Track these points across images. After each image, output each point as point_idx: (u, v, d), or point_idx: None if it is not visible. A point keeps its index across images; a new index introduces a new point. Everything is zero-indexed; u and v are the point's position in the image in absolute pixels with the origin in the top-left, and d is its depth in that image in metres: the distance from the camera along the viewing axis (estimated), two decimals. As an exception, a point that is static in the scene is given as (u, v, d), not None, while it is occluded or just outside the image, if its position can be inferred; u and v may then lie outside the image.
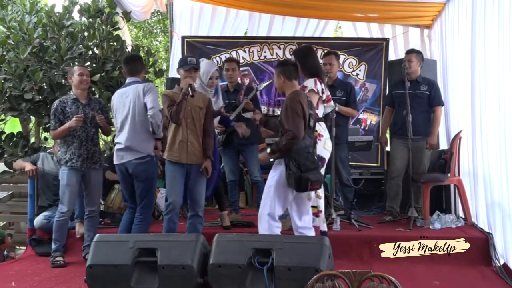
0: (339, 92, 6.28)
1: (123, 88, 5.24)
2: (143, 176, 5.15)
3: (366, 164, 7.68)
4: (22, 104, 6.15)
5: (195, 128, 5.11)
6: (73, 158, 5.37)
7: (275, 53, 8.23)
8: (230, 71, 6.26)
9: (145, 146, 5.14)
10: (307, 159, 4.43)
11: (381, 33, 8.87)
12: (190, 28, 9.08)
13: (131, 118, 5.11)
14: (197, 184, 5.13)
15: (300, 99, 4.53)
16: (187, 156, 5.06)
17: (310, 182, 4.40)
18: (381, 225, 6.13)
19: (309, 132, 4.57)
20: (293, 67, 4.77)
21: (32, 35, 6.21)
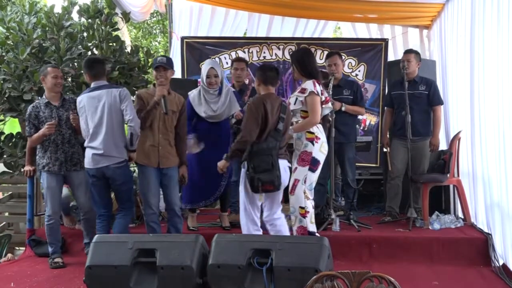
0: (346, 91, 6.30)
1: (94, 92, 5.10)
2: (122, 179, 5.10)
3: (365, 165, 7.69)
4: (21, 104, 6.14)
5: (167, 131, 5.13)
6: (50, 162, 5.35)
7: (274, 54, 8.23)
8: (239, 70, 6.31)
9: (122, 151, 5.08)
10: (262, 160, 4.57)
11: (380, 34, 8.87)
12: (189, 28, 9.09)
13: (107, 124, 5.01)
14: (170, 185, 5.16)
15: (264, 102, 4.67)
16: (158, 160, 5.08)
17: (261, 183, 4.55)
18: (381, 226, 6.14)
19: (275, 134, 4.68)
20: (272, 73, 4.87)
21: (31, 35, 6.20)
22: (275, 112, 4.70)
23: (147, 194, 5.11)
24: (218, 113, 5.70)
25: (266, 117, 4.66)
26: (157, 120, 5.08)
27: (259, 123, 4.65)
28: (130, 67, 6.66)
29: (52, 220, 5.39)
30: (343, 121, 6.10)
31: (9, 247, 6.67)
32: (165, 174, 5.13)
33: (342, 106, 6.13)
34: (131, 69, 6.70)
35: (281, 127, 4.71)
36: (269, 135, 4.66)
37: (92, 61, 5.30)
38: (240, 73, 6.31)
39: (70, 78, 6.51)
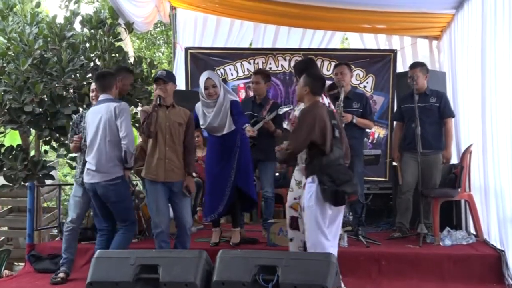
0: (355, 104, 6.26)
1: (96, 106, 5.14)
2: (115, 198, 5.02)
3: (374, 179, 7.66)
4: (22, 116, 6.15)
5: (174, 145, 5.10)
6: (77, 173, 5.41)
7: (281, 65, 8.25)
8: (254, 84, 6.32)
9: (115, 168, 5.01)
10: (339, 171, 4.40)
11: (389, 45, 8.89)
12: (193, 39, 9.12)
13: (101, 139, 5.00)
14: (180, 202, 5.13)
15: (318, 111, 4.53)
16: (165, 173, 5.05)
17: (347, 195, 4.36)
18: (390, 242, 6.10)
19: (336, 142, 4.53)
20: (321, 84, 4.76)
21: (33, 46, 6.23)
22: (327, 121, 4.55)
23: (154, 211, 5.08)
24: (214, 125, 5.69)
25: (324, 127, 4.50)
26: (163, 132, 5.07)
27: (312, 135, 4.46)
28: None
29: (69, 228, 5.38)
30: (351, 134, 6.05)
31: (8, 263, 6.66)
32: (173, 190, 5.10)
33: (353, 119, 6.11)
34: (134, 81, 6.71)
35: (338, 134, 4.58)
36: (333, 145, 4.51)
37: (99, 74, 5.32)
38: (255, 87, 6.33)
39: (72, 89, 6.54)
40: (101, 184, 4.97)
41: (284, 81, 8.22)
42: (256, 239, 6.11)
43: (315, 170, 4.44)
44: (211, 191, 5.84)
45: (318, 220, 4.38)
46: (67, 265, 5.38)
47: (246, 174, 5.81)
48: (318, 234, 4.37)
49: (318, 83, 4.71)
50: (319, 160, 4.44)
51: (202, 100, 5.72)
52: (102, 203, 5.11)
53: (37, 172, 6.30)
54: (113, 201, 5.02)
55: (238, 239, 5.93)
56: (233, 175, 5.72)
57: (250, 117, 6.21)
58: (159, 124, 5.05)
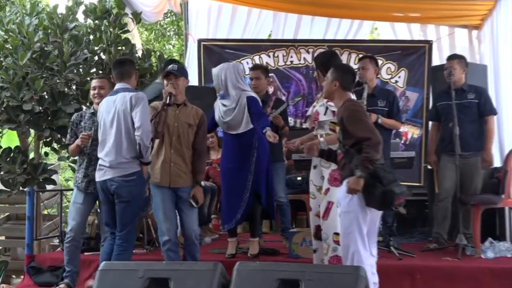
0: (380, 102, 6.20)
1: (111, 96, 5.13)
2: (127, 197, 4.97)
3: (407, 184, 7.58)
4: (20, 115, 6.21)
5: (181, 147, 5.11)
6: (79, 178, 5.43)
7: (303, 58, 8.24)
8: (253, 80, 6.28)
9: (131, 162, 4.99)
10: (384, 170, 4.32)
11: (424, 35, 8.83)
12: (207, 30, 9.13)
13: (116, 132, 4.98)
14: (187, 209, 5.15)
15: (360, 107, 4.54)
16: (170, 178, 5.08)
17: (396, 196, 4.26)
18: (425, 254, 6.06)
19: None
20: (352, 77, 4.72)
21: (32, 38, 6.29)
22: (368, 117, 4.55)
23: (160, 217, 5.11)
24: (225, 120, 5.73)
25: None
26: (170, 133, 5.10)
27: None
28: (141, 73, 6.70)
29: (71, 238, 5.41)
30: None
31: (5, 275, 6.71)
32: (180, 196, 5.12)
33: (378, 119, 6.06)
34: (142, 76, 6.75)
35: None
36: None
37: (117, 61, 5.36)
38: (255, 83, 6.27)
39: (74, 85, 6.59)
40: (115, 180, 4.94)
41: (307, 75, 8.20)
42: (277, 250, 6.10)
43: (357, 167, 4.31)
44: (228, 196, 5.85)
45: (361, 227, 4.33)
46: (71, 278, 5.41)
47: (263, 179, 5.82)
48: (358, 243, 4.32)
49: (348, 76, 4.67)
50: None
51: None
52: (112, 205, 5.08)
53: (37, 176, 6.36)
54: (124, 200, 4.98)
55: (257, 250, 5.91)
56: (251, 179, 5.73)
57: None
58: (167, 124, 5.08)
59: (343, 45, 8.10)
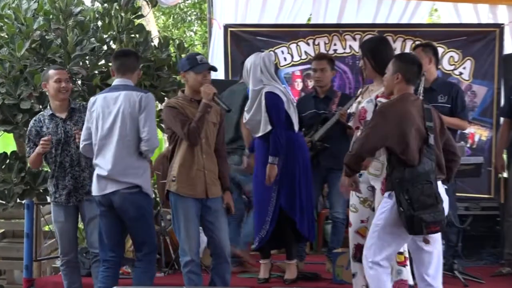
0: (441, 97, 6.14)
1: (111, 92, 5.13)
2: (135, 212, 5.02)
3: (474, 196, 7.53)
4: (17, 115, 6.25)
5: (210, 150, 5.18)
6: (56, 191, 5.48)
7: (349, 46, 8.22)
8: (318, 72, 6.34)
9: (137, 172, 5.05)
10: (422, 191, 4.36)
11: (493, 18, 8.71)
12: (235, 14, 9.12)
13: (118, 137, 5.01)
14: (217, 222, 5.16)
15: (404, 107, 4.51)
16: (205, 188, 5.10)
17: (425, 224, 4.32)
18: (496, 280, 6.03)
19: (428, 153, 4.48)
20: (418, 69, 4.71)
21: (31, 25, 6.33)
22: (418, 121, 4.51)
23: (182, 234, 5.11)
24: (250, 122, 5.85)
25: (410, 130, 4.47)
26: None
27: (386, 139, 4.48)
28: (157, 65, 6.75)
29: (65, 260, 5.50)
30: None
31: (0, 302, 6.79)
32: (209, 207, 5.12)
33: None
34: (158, 68, 6.78)
35: (432, 141, 4.51)
36: (423, 155, 4.46)
37: (119, 53, 5.42)
38: (320, 75, 6.33)
39: (80, 80, 6.62)
40: (119, 193, 4.99)
41: (354, 67, 8.18)
42: (318, 274, 6.10)
43: (394, 185, 4.42)
44: (256, 211, 5.95)
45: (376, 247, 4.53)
46: None
47: (291, 191, 5.84)
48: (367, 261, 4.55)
49: (413, 68, 4.66)
50: (401, 172, 4.41)
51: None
52: (114, 223, 5.13)
53: (37, 187, 6.40)
54: (132, 216, 5.03)
55: (295, 274, 5.92)
56: (276, 191, 5.75)
57: (316, 116, 6.23)
58: None
59: (396, 30, 8.06)
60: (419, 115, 4.50)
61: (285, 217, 5.82)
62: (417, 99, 4.68)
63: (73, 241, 5.58)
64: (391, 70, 4.63)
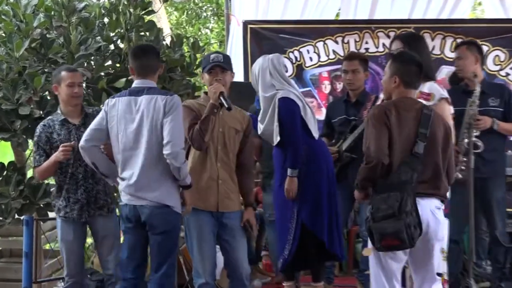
0: (492, 101, 6.07)
1: (132, 96, 5.05)
2: (162, 227, 4.98)
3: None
4: (15, 122, 6.26)
5: (228, 160, 5.13)
6: (67, 205, 5.46)
7: (382, 44, 8.22)
8: (349, 73, 6.34)
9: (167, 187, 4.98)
10: (384, 200, 4.46)
11: (544, 12, 8.70)
12: (255, 9, 9.14)
13: (147, 146, 4.93)
14: (235, 241, 5.13)
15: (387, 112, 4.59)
16: (218, 200, 5.07)
17: (380, 235, 4.44)
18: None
19: (410, 162, 4.53)
20: (416, 69, 4.74)
21: (31, 23, 6.36)
22: (408, 127, 4.58)
23: (196, 253, 5.09)
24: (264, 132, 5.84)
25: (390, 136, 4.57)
26: (214, 142, 5.10)
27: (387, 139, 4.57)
28: (169, 66, 6.76)
29: (70, 283, 5.47)
30: (489, 145, 5.92)
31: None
32: (225, 224, 5.10)
33: (494, 123, 5.95)
34: (171, 70, 6.79)
35: (420, 149, 4.55)
36: (403, 163, 4.54)
37: (138, 49, 5.31)
38: (351, 77, 6.34)
39: (84, 83, 6.64)
40: (147, 207, 4.94)
41: (388, 67, 8.14)
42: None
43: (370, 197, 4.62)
44: (278, 228, 5.97)
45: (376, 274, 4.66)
46: None
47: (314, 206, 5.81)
48: None
49: (411, 68, 4.71)
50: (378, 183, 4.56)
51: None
52: (141, 240, 5.10)
53: (37, 201, 6.41)
54: (160, 232, 4.99)
55: None
56: (297, 207, 5.74)
57: (346, 123, 6.22)
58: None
59: (435, 27, 8.05)
60: (413, 120, 4.57)
61: (309, 235, 5.79)
62: (416, 103, 4.71)
63: (81, 261, 5.56)
64: (388, 72, 4.72)
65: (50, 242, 7.74)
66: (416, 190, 4.51)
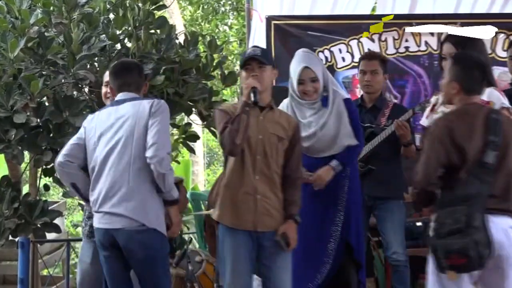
0: None
1: (112, 107, 5.09)
2: (143, 253, 4.90)
3: None
4: (10, 131, 6.29)
5: (269, 171, 5.02)
6: (84, 219, 5.51)
7: (424, 42, 8.18)
8: (368, 74, 6.33)
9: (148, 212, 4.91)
10: (449, 215, 4.40)
11: None
12: (280, 3, 9.13)
13: (127, 159, 4.91)
14: (275, 264, 5.04)
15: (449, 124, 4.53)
16: (255, 217, 4.98)
17: (445, 252, 4.36)
18: None
19: (480, 172, 4.45)
20: (480, 74, 4.68)
21: (27, 20, 6.38)
22: (475, 135, 4.51)
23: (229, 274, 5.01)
24: (318, 138, 5.69)
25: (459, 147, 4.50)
26: (252, 149, 5.01)
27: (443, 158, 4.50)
28: (183, 68, 6.75)
29: None
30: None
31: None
32: (264, 246, 5.01)
33: None
34: (185, 72, 6.78)
35: (491, 159, 4.49)
36: (471, 175, 4.49)
37: (120, 66, 5.33)
38: (370, 78, 6.33)
39: (87, 87, 6.65)
40: (124, 231, 4.89)
41: (431, 69, 8.15)
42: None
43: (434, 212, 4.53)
44: (304, 249, 5.76)
45: None
46: None
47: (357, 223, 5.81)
48: None
49: (473, 74, 4.64)
50: (442, 195, 4.49)
51: (292, 96, 5.74)
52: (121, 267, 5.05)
53: (34, 221, 6.43)
54: (141, 258, 4.93)
55: None
56: (341, 222, 5.70)
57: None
58: (247, 136, 4.97)
59: (485, 22, 7.96)
60: (481, 127, 4.49)
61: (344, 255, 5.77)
62: (481, 108, 4.65)
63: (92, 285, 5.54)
64: (448, 76, 4.67)
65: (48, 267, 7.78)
66: (486, 205, 4.45)
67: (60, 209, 7.61)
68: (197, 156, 16.38)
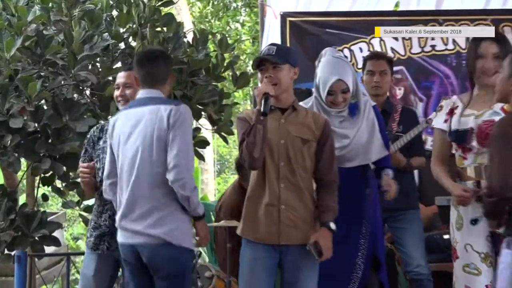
0: None
1: (133, 108, 5.08)
2: (167, 270, 4.92)
3: None
4: (5, 137, 6.29)
5: (294, 178, 4.94)
6: (89, 230, 5.51)
7: (451, 41, 8.15)
8: (376, 75, 6.32)
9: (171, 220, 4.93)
10: None
11: None
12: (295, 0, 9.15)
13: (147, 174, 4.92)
14: (301, 282, 5.01)
15: None
16: (280, 230, 4.93)
17: None
18: None
19: None
20: None
21: (25, 17, 6.39)
22: None
23: None
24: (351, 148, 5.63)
25: None
26: (274, 157, 4.95)
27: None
28: (192, 68, 6.75)
29: None
30: None
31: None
32: (288, 261, 4.97)
33: None
34: (193, 73, 6.77)
35: None
36: None
37: (145, 55, 5.34)
38: (380, 80, 6.32)
39: (89, 89, 6.65)
40: (147, 245, 4.91)
41: (459, 69, 8.14)
42: None
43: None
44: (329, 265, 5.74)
45: None
46: None
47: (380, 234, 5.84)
48: None
49: None
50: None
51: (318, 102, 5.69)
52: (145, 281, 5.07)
53: (31, 233, 6.43)
54: (165, 275, 4.94)
55: None
56: (368, 236, 5.67)
57: None
58: (268, 142, 4.89)
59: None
60: None
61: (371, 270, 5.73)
62: None
63: None
64: (507, 71, 4.59)
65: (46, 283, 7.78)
66: None
67: (60, 220, 7.62)
68: (206, 164, 16.42)
